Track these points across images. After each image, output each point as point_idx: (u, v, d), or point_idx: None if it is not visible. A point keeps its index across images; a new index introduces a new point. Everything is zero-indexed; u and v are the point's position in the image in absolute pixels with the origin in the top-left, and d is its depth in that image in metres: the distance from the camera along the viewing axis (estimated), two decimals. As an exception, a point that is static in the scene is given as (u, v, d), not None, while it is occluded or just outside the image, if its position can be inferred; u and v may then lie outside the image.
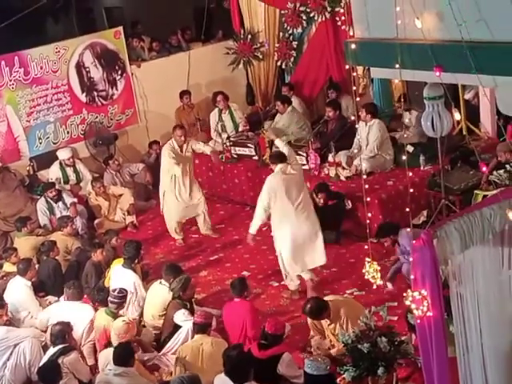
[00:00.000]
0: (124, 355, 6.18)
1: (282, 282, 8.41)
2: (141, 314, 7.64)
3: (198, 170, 10.24)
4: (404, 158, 5.64)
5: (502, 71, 3.56)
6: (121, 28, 11.73)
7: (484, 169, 4.18)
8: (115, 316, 6.99)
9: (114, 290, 7.17)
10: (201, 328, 6.57)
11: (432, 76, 3.84)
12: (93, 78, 11.52)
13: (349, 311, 6.49)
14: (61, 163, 10.89)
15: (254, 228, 7.84)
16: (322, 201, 8.68)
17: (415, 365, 5.62)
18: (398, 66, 3.92)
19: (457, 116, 4.12)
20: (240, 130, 11.11)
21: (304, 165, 9.85)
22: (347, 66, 4.43)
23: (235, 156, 10.56)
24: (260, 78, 12.11)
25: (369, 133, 9.41)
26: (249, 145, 10.55)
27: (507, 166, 7.85)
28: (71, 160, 10.87)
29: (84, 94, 11.48)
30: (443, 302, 4.27)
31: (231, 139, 10.74)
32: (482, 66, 3.58)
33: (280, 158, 7.85)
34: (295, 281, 7.97)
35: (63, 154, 10.89)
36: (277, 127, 10.57)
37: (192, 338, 6.73)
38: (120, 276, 7.82)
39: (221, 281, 8.66)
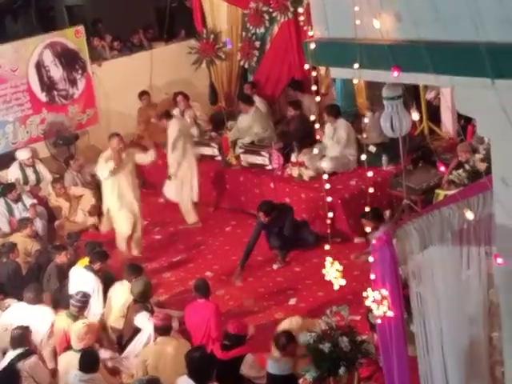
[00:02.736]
0: (90, 362, 6.15)
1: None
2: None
3: (161, 171, 10.13)
4: (364, 157, 5.64)
5: (458, 71, 3.58)
6: (82, 27, 11.61)
7: (442, 168, 4.20)
8: (76, 319, 6.90)
9: (77, 294, 7.09)
10: (162, 330, 6.52)
11: (391, 76, 3.85)
12: (53, 78, 11.38)
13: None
14: (20, 164, 10.73)
15: None
16: (262, 219, 8.55)
17: (377, 364, 5.64)
18: (356, 66, 3.92)
19: (415, 116, 4.14)
20: (203, 129, 11.09)
21: (267, 165, 9.89)
22: (307, 66, 4.42)
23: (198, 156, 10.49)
24: (223, 77, 12.07)
25: (334, 133, 9.45)
26: (212, 145, 10.51)
27: (466, 165, 7.94)
28: (31, 160, 10.73)
29: (44, 94, 11.34)
30: (403, 302, 4.28)
31: (194, 139, 10.67)
32: (439, 66, 3.59)
33: None
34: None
35: (22, 155, 10.73)
36: (240, 127, 10.57)
37: (154, 340, 6.68)
38: (80, 278, 7.72)
39: (184, 282, 8.63)
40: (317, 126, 5.06)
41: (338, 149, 9.44)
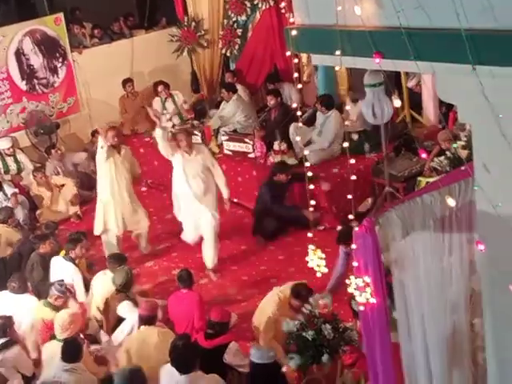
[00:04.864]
0: (72, 352, 6.10)
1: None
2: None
3: (143, 159, 10.10)
4: (346, 145, 5.65)
5: (439, 58, 3.58)
6: (61, 14, 11.52)
7: (424, 155, 4.19)
8: (56, 308, 6.88)
9: (55, 283, 7.05)
10: (147, 320, 6.51)
11: (372, 63, 3.84)
12: (33, 66, 11.29)
13: None
14: (0, 153, 10.66)
15: None
16: (283, 177, 8.65)
17: (360, 351, 5.66)
18: (338, 52, 3.91)
19: (396, 103, 4.13)
20: (185, 118, 11.05)
21: (250, 153, 9.87)
22: (288, 53, 4.40)
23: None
24: (205, 65, 12.01)
25: (325, 123, 9.43)
26: (195, 133, 10.47)
27: (447, 152, 7.97)
28: (11, 150, 10.66)
29: (24, 82, 11.24)
30: (386, 289, 4.29)
31: (176, 128, 10.63)
32: (420, 52, 3.59)
33: None
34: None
35: (3, 144, 10.69)
36: (222, 115, 10.53)
37: (137, 329, 6.66)
38: (59, 268, 7.70)
39: (167, 271, 8.61)
40: (298, 113, 5.02)
41: (325, 141, 9.42)
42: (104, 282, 7.35)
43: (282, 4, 9.47)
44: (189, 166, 7.93)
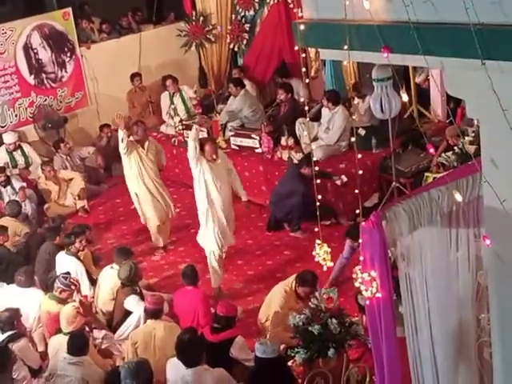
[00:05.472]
0: (78, 345, 6.13)
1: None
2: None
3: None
4: (353, 139, 5.66)
5: (448, 52, 3.58)
6: (70, 9, 11.53)
7: (431, 150, 4.19)
8: (61, 301, 6.90)
9: (61, 276, 7.07)
10: (153, 313, 6.52)
11: (380, 57, 3.83)
12: (41, 60, 11.32)
13: None
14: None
15: None
16: (307, 171, 8.46)
17: (366, 346, 5.67)
18: (346, 47, 3.91)
19: (404, 97, 4.13)
20: (192, 113, 11.05)
21: (257, 148, 9.87)
22: (296, 48, 4.39)
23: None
24: (212, 60, 12.00)
25: (331, 119, 9.41)
26: (202, 128, 10.46)
27: (455, 148, 7.96)
28: (16, 144, 10.67)
29: (32, 77, 11.27)
30: (392, 283, 4.29)
31: (184, 123, 10.64)
32: (428, 47, 3.59)
33: None
34: None
35: (7, 139, 10.69)
36: (230, 110, 10.53)
37: (144, 323, 6.69)
38: (63, 263, 7.72)
39: (173, 265, 8.63)
40: (306, 108, 5.02)
41: (332, 136, 9.40)
42: (111, 276, 7.38)
43: (292, -1, 9.47)
44: (216, 174, 7.65)
